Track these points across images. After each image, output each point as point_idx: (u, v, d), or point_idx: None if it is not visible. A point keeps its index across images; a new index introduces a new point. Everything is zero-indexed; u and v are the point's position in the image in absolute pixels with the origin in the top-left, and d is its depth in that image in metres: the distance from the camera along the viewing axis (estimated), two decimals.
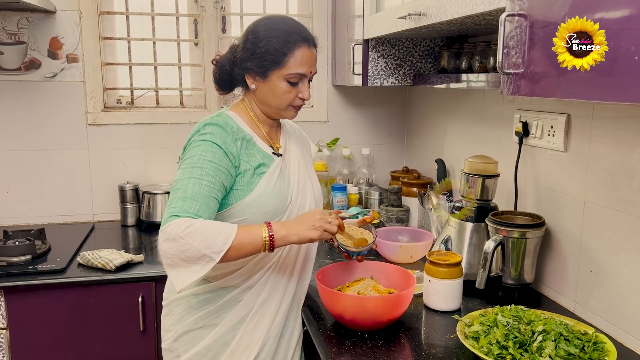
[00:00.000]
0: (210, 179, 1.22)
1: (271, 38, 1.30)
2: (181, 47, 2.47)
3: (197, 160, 1.24)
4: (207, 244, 1.14)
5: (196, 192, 1.20)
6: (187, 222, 1.14)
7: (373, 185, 2.45)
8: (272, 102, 1.36)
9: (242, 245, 1.18)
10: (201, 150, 1.25)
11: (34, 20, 2.24)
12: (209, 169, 1.23)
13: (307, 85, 1.37)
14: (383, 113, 2.65)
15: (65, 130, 2.33)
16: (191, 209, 1.17)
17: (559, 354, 1.08)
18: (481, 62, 1.70)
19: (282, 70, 1.31)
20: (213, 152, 1.25)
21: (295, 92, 1.35)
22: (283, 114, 1.39)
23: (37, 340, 1.80)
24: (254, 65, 1.33)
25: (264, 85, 1.34)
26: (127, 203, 2.35)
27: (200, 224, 1.15)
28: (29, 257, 1.86)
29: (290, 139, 1.48)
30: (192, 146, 1.28)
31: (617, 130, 1.31)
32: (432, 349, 1.26)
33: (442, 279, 1.43)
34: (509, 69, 1.06)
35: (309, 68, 1.35)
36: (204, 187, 1.21)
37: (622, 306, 1.31)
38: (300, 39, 1.32)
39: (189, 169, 1.23)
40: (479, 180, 1.60)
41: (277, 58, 1.30)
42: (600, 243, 1.37)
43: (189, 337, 1.35)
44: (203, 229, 1.15)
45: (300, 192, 1.40)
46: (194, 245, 1.13)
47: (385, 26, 1.80)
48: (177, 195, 1.20)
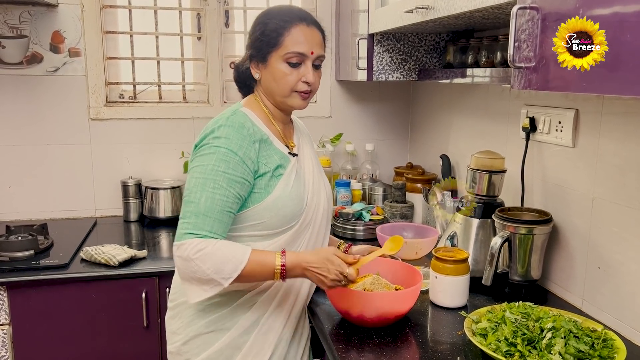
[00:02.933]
0: (223, 192, 1.19)
1: (267, 20, 1.28)
2: (184, 42, 2.45)
3: (210, 171, 1.20)
4: (216, 269, 1.15)
5: (209, 207, 1.18)
6: (200, 244, 1.15)
7: (377, 181, 2.44)
8: (274, 89, 1.31)
9: (253, 273, 1.18)
10: (215, 160, 1.21)
11: (36, 13, 2.22)
12: (223, 182, 1.20)
13: (312, 69, 1.30)
14: (387, 108, 2.64)
15: (68, 125, 2.32)
16: (205, 226, 1.17)
17: (569, 351, 1.07)
18: (487, 56, 1.68)
19: (279, 51, 1.26)
20: (227, 162, 1.21)
21: (297, 74, 1.28)
22: (289, 101, 1.32)
23: (40, 336, 1.79)
24: (254, 52, 1.30)
25: (266, 71, 1.30)
26: (129, 198, 2.34)
27: (212, 248, 1.16)
28: (31, 252, 1.85)
29: (302, 137, 1.46)
30: (206, 152, 1.22)
31: (627, 125, 1.30)
32: (439, 346, 1.25)
33: (448, 275, 1.42)
34: (520, 63, 1.04)
35: (309, 47, 1.28)
36: (217, 201, 1.19)
37: (631, 303, 1.29)
38: (297, 18, 1.28)
39: (202, 179, 1.20)
40: (485, 176, 1.59)
41: (273, 39, 1.26)
42: (608, 239, 1.36)
43: (199, 341, 1.32)
44: (214, 254, 1.15)
45: (315, 193, 1.37)
46: (204, 269, 1.15)
47: (391, 20, 1.78)
48: (190, 209, 1.19)
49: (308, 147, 1.45)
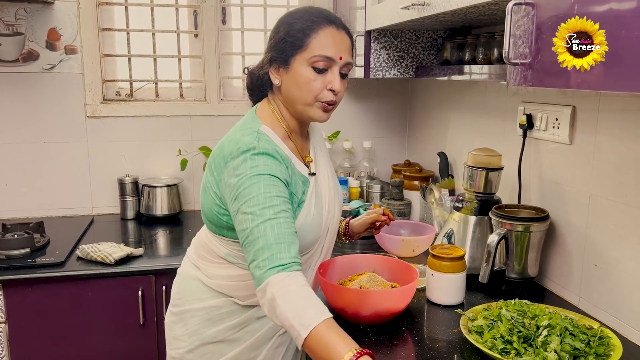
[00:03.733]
0: (285, 214, 1.07)
1: (293, 20, 1.17)
2: (181, 39, 2.45)
3: (263, 199, 1.06)
4: (298, 312, 0.97)
5: (278, 234, 1.04)
6: (285, 278, 1.00)
7: (374, 179, 2.44)
8: (296, 96, 1.18)
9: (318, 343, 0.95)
10: (263, 187, 1.07)
11: (31, 10, 2.21)
12: (281, 205, 1.07)
13: (339, 76, 1.18)
14: (385, 105, 2.63)
15: (64, 122, 2.31)
16: (282, 254, 1.02)
17: (565, 349, 1.07)
18: (485, 53, 1.67)
19: (304, 54, 1.14)
20: (276, 186, 1.09)
21: (323, 81, 1.16)
22: (310, 112, 1.19)
23: (36, 334, 1.78)
24: (275, 54, 1.18)
25: (287, 76, 1.18)
26: (126, 196, 2.34)
27: (296, 287, 0.99)
28: (27, 250, 1.84)
29: (316, 143, 1.36)
30: (248, 183, 1.08)
31: (624, 122, 1.29)
32: (435, 344, 1.25)
33: (445, 272, 1.41)
34: (515, 59, 1.04)
35: (338, 52, 1.16)
36: (283, 224, 1.05)
37: (628, 300, 1.29)
38: (326, 20, 1.16)
39: (258, 211, 1.05)
40: (482, 173, 1.58)
41: (298, 40, 1.14)
42: (605, 237, 1.35)
43: (205, 350, 1.28)
44: (298, 292, 0.99)
45: (331, 212, 1.29)
46: (284, 311, 0.98)
47: (387, 17, 1.78)
48: (259, 245, 1.03)
49: (322, 156, 1.34)
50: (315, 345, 0.95)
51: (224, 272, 1.26)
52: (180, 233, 2.20)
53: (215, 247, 1.27)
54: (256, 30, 2.51)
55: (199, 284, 1.29)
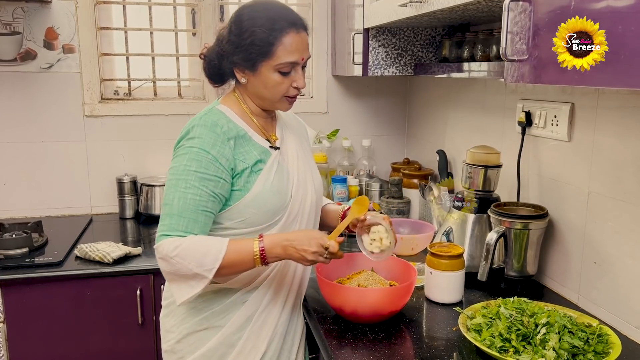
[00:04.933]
0: (195, 190, 1.18)
1: (255, 28, 1.21)
2: (179, 37, 2.44)
3: (181, 172, 1.19)
4: (198, 263, 1.15)
5: (182, 207, 1.18)
6: (175, 241, 1.15)
7: (373, 177, 2.43)
8: (264, 95, 1.28)
9: (234, 261, 1.17)
10: (186, 160, 1.20)
11: (29, 10, 2.21)
12: (194, 181, 1.18)
13: (301, 73, 1.28)
14: (383, 104, 2.63)
15: (62, 121, 2.31)
16: (179, 226, 1.17)
17: (563, 347, 1.07)
18: (484, 50, 1.67)
19: (271, 61, 1.22)
20: (199, 161, 1.19)
21: (289, 81, 1.26)
22: (277, 105, 1.32)
23: (35, 334, 1.78)
24: (240, 59, 1.25)
25: (255, 78, 1.26)
26: (125, 195, 2.33)
27: (188, 243, 1.16)
28: (26, 250, 1.84)
29: (287, 129, 1.41)
30: (179, 153, 1.22)
31: (623, 119, 1.28)
32: (434, 342, 1.25)
33: (443, 271, 1.41)
34: (512, 56, 1.03)
35: (300, 54, 1.25)
36: (190, 200, 1.18)
37: (626, 298, 1.29)
38: (287, 24, 1.23)
39: (174, 181, 1.20)
40: (481, 171, 1.58)
41: (264, 49, 1.22)
42: (604, 234, 1.35)
43: (193, 338, 1.30)
44: (191, 248, 1.15)
45: (300, 185, 1.33)
46: (185, 265, 1.15)
47: (385, 14, 1.77)
48: (165, 211, 1.19)
49: (294, 138, 1.41)
50: (227, 264, 1.16)
51: None
52: None
53: None
54: None
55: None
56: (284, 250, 1.19)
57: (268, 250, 1.18)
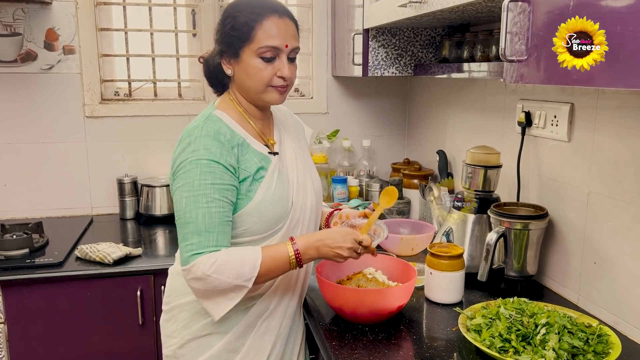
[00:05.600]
0: (218, 203, 1.15)
1: (237, 13, 1.21)
2: (179, 38, 2.44)
3: (198, 187, 1.15)
4: (237, 275, 1.13)
5: (208, 222, 1.14)
6: (210, 258, 1.13)
7: (374, 177, 2.43)
8: (248, 85, 1.24)
9: (270, 268, 1.16)
10: (199, 174, 1.15)
11: (29, 11, 2.21)
12: (214, 194, 1.15)
13: (287, 63, 1.23)
14: (383, 104, 2.63)
15: (63, 122, 2.31)
16: (209, 242, 1.14)
17: (563, 347, 1.07)
18: (483, 51, 1.67)
19: (251, 45, 1.19)
20: (213, 173, 1.16)
21: (272, 69, 1.22)
22: (264, 97, 1.25)
23: (35, 335, 1.78)
24: (224, 46, 1.23)
25: (238, 67, 1.23)
26: (125, 196, 2.33)
27: (223, 257, 1.13)
28: (26, 250, 1.84)
29: (284, 130, 1.39)
30: (187, 167, 1.16)
31: (622, 119, 1.28)
32: (434, 342, 1.25)
33: (443, 271, 1.41)
34: (512, 56, 1.03)
35: (283, 40, 1.21)
36: (215, 214, 1.15)
37: (627, 298, 1.29)
38: (269, 9, 1.20)
39: (192, 197, 1.15)
40: (480, 172, 1.58)
41: (244, 33, 1.19)
42: (604, 234, 1.35)
43: (195, 344, 1.29)
44: (227, 261, 1.13)
45: (300, 190, 1.32)
46: (224, 279, 1.13)
47: (385, 15, 1.77)
48: (190, 229, 1.14)
49: (292, 140, 1.38)
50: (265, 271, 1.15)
51: None
52: None
53: None
54: None
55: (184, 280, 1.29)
56: (317, 251, 1.19)
57: (303, 252, 1.18)
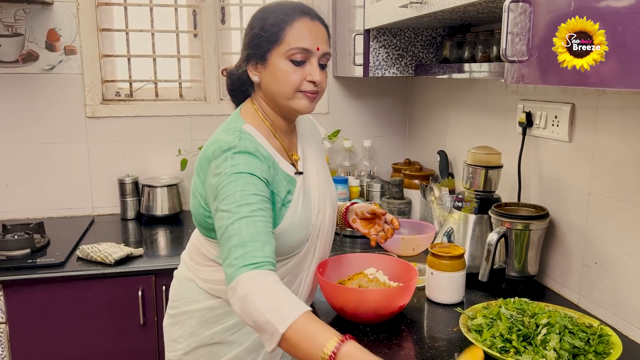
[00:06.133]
0: (262, 213, 1.06)
1: (265, 15, 1.17)
2: (180, 39, 2.45)
3: (240, 197, 1.05)
4: (273, 306, 0.94)
5: (253, 232, 1.02)
6: (257, 276, 0.97)
7: (374, 178, 2.43)
8: (276, 91, 1.17)
9: (297, 338, 0.92)
10: (241, 185, 1.06)
11: (31, 11, 2.21)
12: (257, 203, 1.06)
13: (317, 66, 1.17)
14: (384, 104, 2.63)
15: (64, 123, 2.31)
16: (256, 252, 1.00)
17: (564, 347, 1.07)
18: (484, 51, 1.67)
19: (281, 47, 1.14)
20: (255, 184, 1.08)
21: (302, 73, 1.15)
22: (293, 104, 1.18)
23: (37, 335, 1.79)
24: (251, 50, 1.18)
25: (266, 71, 1.17)
26: (126, 196, 2.34)
27: (271, 283, 0.97)
28: (27, 251, 1.84)
29: (306, 141, 1.33)
30: (227, 181, 1.07)
31: (623, 119, 1.29)
32: (435, 342, 1.25)
33: (444, 271, 1.41)
34: (513, 57, 1.03)
35: (314, 42, 1.15)
36: (259, 222, 1.04)
37: (628, 298, 1.29)
38: (300, 12, 1.16)
39: (234, 208, 1.04)
40: (481, 172, 1.58)
41: (273, 34, 1.14)
42: (605, 234, 1.35)
43: (202, 351, 1.27)
44: (273, 289, 0.97)
45: (321, 210, 1.27)
46: (258, 307, 0.94)
47: (386, 15, 1.77)
48: (233, 243, 1.01)
49: (312, 153, 1.32)
50: (296, 337, 0.92)
51: (215, 276, 1.25)
52: (180, 233, 2.19)
53: (206, 250, 1.26)
54: None
55: (194, 286, 1.29)
56: None
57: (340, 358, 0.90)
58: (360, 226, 1.44)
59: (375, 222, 1.44)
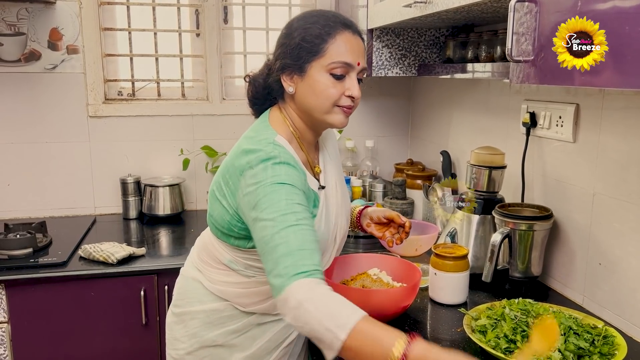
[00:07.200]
0: (307, 222, 1.03)
1: (307, 25, 1.12)
2: (182, 38, 2.44)
3: (285, 206, 1.02)
4: (331, 312, 0.91)
5: (301, 240, 0.99)
6: (310, 283, 0.94)
7: (377, 178, 2.43)
8: (313, 104, 1.13)
9: (361, 343, 0.88)
10: (285, 195, 1.03)
11: (33, 10, 2.21)
12: (302, 212, 1.03)
13: (356, 82, 1.14)
14: (387, 104, 2.62)
15: (66, 122, 2.31)
16: (305, 260, 0.96)
17: (569, 348, 1.06)
18: (488, 51, 1.67)
19: (322, 60, 1.10)
20: (298, 195, 1.05)
21: (341, 87, 1.12)
22: (329, 119, 1.15)
23: (39, 334, 1.78)
24: (290, 60, 1.12)
25: (303, 83, 1.13)
26: (128, 196, 2.33)
27: (325, 290, 0.94)
28: (30, 250, 1.84)
29: (326, 151, 1.31)
30: (269, 190, 1.04)
31: (627, 120, 1.28)
32: (438, 343, 1.24)
33: (448, 272, 1.41)
34: (518, 57, 1.03)
35: (356, 57, 1.12)
36: (306, 231, 1.01)
37: (632, 299, 1.28)
38: (342, 25, 1.12)
39: (280, 217, 1.00)
40: (485, 172, 1.58)
41: (315, 46, 1.10)
42: (609, 235, 1.34)
43: (204, 353, 1.26)
44: (328, 296, 0.93)
45: (338, 224, 1.26)
46: (314, 314, 0.91)
47: (389, 15, 1.77)
48: (280, 252, 0.97)
49: (331, 163, 1.29)
50: (359, 342, 0.87)
51: (225, 279, 1.24)
52: (182, 233, 2.19)
53: (219, 253, 1.25)
54: (258, 29, 2.50)
55: (200, 287, 1.28)
56: None
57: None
58: (374, 230, 1.44)
59: (390, 225, 1.44)
